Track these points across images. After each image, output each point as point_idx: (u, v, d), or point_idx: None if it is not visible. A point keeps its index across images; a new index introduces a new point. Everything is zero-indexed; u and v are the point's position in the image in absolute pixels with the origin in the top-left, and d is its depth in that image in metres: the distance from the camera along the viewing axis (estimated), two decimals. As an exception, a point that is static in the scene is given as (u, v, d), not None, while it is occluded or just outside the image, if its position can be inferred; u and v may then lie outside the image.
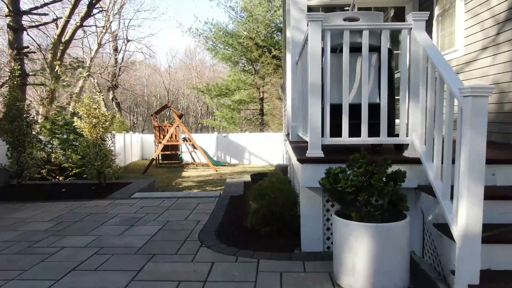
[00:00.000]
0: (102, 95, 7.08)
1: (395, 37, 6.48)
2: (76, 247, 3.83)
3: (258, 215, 3.77)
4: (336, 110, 3.43)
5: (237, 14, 21.86)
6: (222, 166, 19.71)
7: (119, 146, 18.92)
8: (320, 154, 3.34)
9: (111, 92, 25.89)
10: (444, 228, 2.65)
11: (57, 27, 15.98)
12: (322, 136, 3.38)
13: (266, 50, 20.12)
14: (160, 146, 17.77)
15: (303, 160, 3.31)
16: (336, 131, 3.43)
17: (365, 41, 3.33)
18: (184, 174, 16.58)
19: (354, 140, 3.42)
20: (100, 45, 19.46)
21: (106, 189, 6.88)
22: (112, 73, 25.78)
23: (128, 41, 26.07)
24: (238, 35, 21.47)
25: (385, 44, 3.33)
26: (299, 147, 4.41)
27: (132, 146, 22.05)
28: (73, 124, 6.92)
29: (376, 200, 2.89)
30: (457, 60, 5.67)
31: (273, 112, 21.60)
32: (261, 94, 23.25)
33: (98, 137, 6.83)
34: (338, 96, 3.54)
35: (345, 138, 3.41)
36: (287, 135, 7.00)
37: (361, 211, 2.70)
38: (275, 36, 22.26)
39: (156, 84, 46.56)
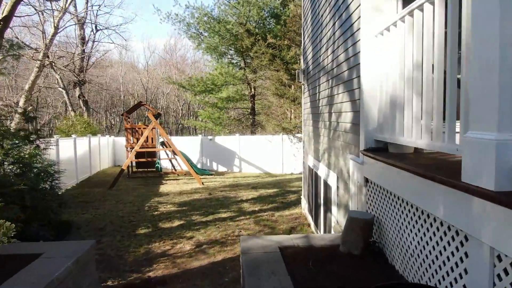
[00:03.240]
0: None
1: None
2: None
3: None
4: None
5: (225, -4, 17.85)
6: (208, 175, 15.71)
7: (81, 153, 14.60)
8: None
9: (77, 88, 21.31)
10: None
11: (-11, -2, 11.52)
12: None
13: (259, 37, 16.23)
14: (132, 153, 13.59)
15: None
16: None
17: None
18: (162, 189, 12.50)
19: None
20: (57, 28, 15.07)
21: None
22: (79, 67, 21.22)
23: (97, 30, 21.58)
24: (225, 21, 17.47)
25: None
26: None
27: (100, 151, 17.71)
28: None
29: None
30: None
31: (267, 112, 17.74)
32: (253, 90, 19.28)
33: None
34: None
35: None
36: (376, 151, 3.15)
37: None
38: (268, 24, 18.39)
39: (134, 82, 42.06)
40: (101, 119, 42.79)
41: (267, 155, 16.30)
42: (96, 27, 21.08)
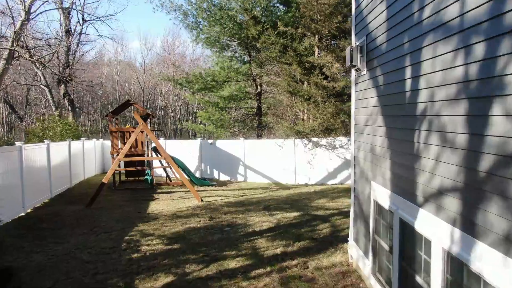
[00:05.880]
0: None
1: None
2: None
3: None
4: None
5: (227, -21, 15.04)
6: (208, 186, 12.96)
7: (59, 161, 11.78)
8: None
9: (62, 86, 18.47)
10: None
11: None
12: None
13: (268, 26, 13.47)
14: (115, 163, 10.78)
15: None
16: None
17: None
18: (152, 207, 9.72)
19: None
20: (28, 13, 12.30)
21: None
22: (64, 63, 18.41)
23: (84, 20, 18.72)
24: (228, 8, 14.69)
25: None
26: None
27: (85, 158, 14.89)
28: None
29: None
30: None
31: (276, 112, 14.99)
32: (259, 87, 16.49)
33: None
34: None
35: None
36: None
37: None
38: (276, 11, 15.62)
39: (130, 81, 39.22)
40: (97, 120, 39.92)
41: (277, 162, 13.56)
42: (83, 17, 18.22)
